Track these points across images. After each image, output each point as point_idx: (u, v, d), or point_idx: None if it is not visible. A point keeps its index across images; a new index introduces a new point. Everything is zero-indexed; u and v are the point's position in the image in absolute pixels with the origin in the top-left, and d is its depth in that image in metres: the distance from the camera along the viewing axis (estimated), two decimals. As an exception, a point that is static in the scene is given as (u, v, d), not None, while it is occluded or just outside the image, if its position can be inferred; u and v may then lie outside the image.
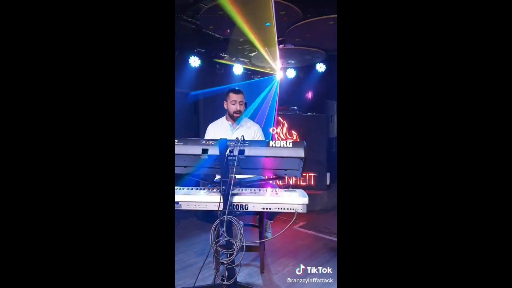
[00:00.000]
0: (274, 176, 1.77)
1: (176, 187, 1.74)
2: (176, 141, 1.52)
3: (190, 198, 1.59)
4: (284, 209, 1.56)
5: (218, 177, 1.83)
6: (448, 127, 0.93)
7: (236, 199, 1.56)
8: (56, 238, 0.93)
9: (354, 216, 1.00)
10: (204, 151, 1.48)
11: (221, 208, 1.50)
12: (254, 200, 1.57)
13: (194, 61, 4.05)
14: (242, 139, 1.48)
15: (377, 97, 0.99)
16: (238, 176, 1.72)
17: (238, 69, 4.55)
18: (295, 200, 1.54)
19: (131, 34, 1.01)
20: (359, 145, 1.01)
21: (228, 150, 1.45)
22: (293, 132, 4.46)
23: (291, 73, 4.74)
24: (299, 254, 2.54)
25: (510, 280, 0.87)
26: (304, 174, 4.38)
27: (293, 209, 1.53)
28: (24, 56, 0.92)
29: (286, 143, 1.47)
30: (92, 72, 0.97)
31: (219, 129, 2.32)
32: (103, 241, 0.97)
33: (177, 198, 1.59)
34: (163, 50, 1.05)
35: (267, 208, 1.57)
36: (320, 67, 4.62)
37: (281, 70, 4.66)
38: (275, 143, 1.47)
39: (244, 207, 1.57)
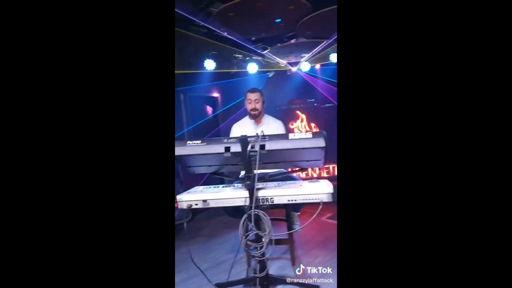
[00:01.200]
0: (297, 168, 1.79)
1: (203, 187, 1.81)
2: (199, 141, 1.58)
3: (217, 195, 1.65)
4: (309, 199, 1.58)
5: (243, 173, 1.88)
6: (447, 126, 0.92)
7: (261, 193, 1.60)
8: (56, 238, 0.93)
9: (354, 216, 0.99)
10: (227, 149, 1.53)
11: (247, 203, 1.54)
12: (279, 193, 1.60)
13: (209, 64, 4.13)
14: (262, 134, 1.52)
15: (378, 93, 0.98)
16: (261, 171, 1.76)
17: (252, 68, 4.59)
18: (320, 190, 1.56)
19: (133, 36, 1.02)
20: (359, 141, 1.00)
21: (250, 146, 1.50)
22: (312, 124, 4.45)
23: (306, 66, 4.73)
24: (329, 245, 2.55)
25: (510, 280, 0.85)
26: (327, 166, 4.37)
27: (319, 199, 1.56)
28: (24, 56, 0.93)
29: (305, 134, 1.50)
30: (95, 74, 0.98)
31: (242, 128, 2.40)
32: (103, 240, 0.97)
33: (205, 196, 1.65)
34: (163, 51, 1.06)
35: (292, 200, 1.60)
36: (334, 58, 4.58)
37: (295, 64, 4.67)
38: (294, 135, 1.50)
39: (269, 200, 1.60)
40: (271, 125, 2.43)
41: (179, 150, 1.56)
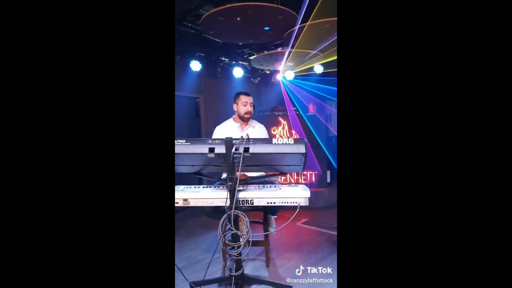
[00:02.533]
0: (277, 173, 1.86)
1: (184, 186, 1.84)
2: (183, 141, 1.62)
3: (198, 195, 1.69)
4: (287, 202, 1.65)
5: (225, 175, 1.92)
6: (445, 127, 0.94)
7: (242, 195, 1.65)
8: (56, 237, 0.94)
9: (354, 216, 1.01)
10: (211, 149, 1.58)
11: (228, 204, 1.59)
12: (259, 195, 1.66)
13: (195, 65, 4.15)
14: (247, 137, 1.57)
15: (376, 97, 1.01)
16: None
17: (238, 72, 4.65)
18: (297, 194, 1.64)
19: (133, 39, 1.03)
20: (358, 143, 1.02)
21: (234, 148, 1.55)
22: (293, 131, 4.56)
23: (290, 75, 4.84)
24: (302, 249, 2.63)
25: (510, 280, 0.87)
26: (305, 173, 4.47)
27: (296, 202, 1.63)
28: (25, 58, 0.93)
29: (288, 140, 1.57)
30: (96, 76, 0.99)
31: (227, 130, 2.38)
32: (104, 240, 0.98)
33: (186, 195, 1.68)
34: (163, 54, 1.07)
35: (271, 203, 1.66)
36: (318, 69, 4.72)
37: (280, 72, 4.78)
38: (278, 140, 1.57)
39: (249, 202, 1.66)
40: (257, 130, 2.47)
41: (164, 148, 1.59)
